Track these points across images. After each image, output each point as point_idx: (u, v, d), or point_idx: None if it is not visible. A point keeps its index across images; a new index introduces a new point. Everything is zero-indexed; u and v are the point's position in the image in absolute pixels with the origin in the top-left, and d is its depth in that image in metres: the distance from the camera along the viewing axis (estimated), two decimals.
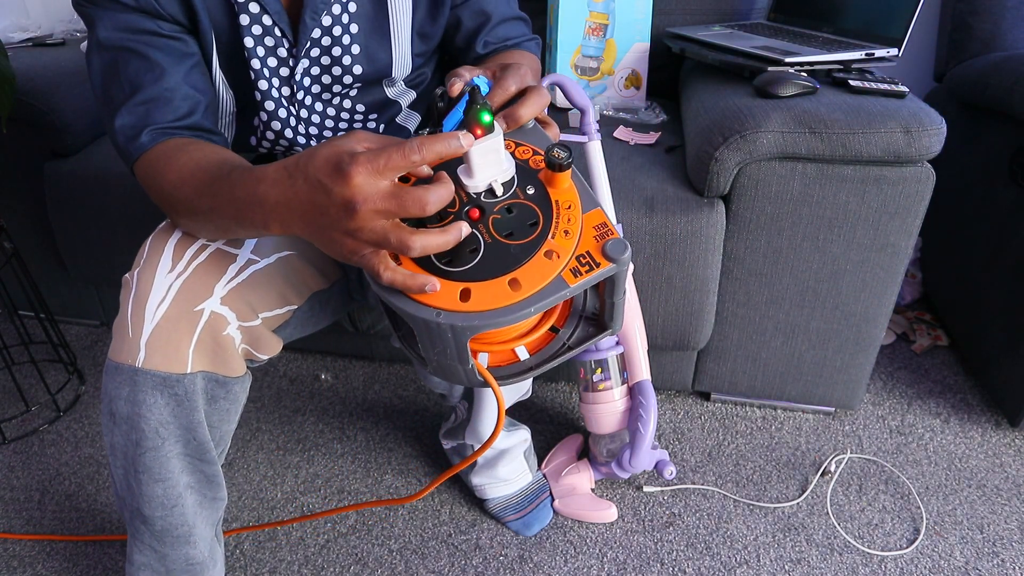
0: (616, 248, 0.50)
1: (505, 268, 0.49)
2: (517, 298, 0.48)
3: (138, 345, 0.67)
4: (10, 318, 1.31)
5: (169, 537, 0.77)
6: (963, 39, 1.38)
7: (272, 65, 0.76)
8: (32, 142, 1.30)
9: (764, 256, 1.08)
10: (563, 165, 0.51)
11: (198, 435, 0.72)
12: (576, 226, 0.51)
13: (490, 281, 0.49)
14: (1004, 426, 1.23)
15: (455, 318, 0.48)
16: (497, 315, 0.48)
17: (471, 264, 0.50)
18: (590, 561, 1.01)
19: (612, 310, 0.57)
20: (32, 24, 1.73)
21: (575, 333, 0.59)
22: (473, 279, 0.49)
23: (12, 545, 1.05)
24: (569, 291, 0.49)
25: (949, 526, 1.05)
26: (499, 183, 0.53)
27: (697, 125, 1.10)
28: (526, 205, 0.52)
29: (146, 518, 0.75)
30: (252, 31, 0.73)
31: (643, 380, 1.00)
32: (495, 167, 0.53)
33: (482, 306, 0.48)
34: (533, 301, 0.48)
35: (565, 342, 0.59)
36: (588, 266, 0.49)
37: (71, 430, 1.27)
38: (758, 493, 1.11)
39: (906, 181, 0.99)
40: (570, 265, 0.49)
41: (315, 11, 0.74)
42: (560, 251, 0.50)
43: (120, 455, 0.72)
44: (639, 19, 1.38)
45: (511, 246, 0.50)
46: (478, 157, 0.52)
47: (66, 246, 1.34)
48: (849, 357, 1.15)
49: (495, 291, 0.48)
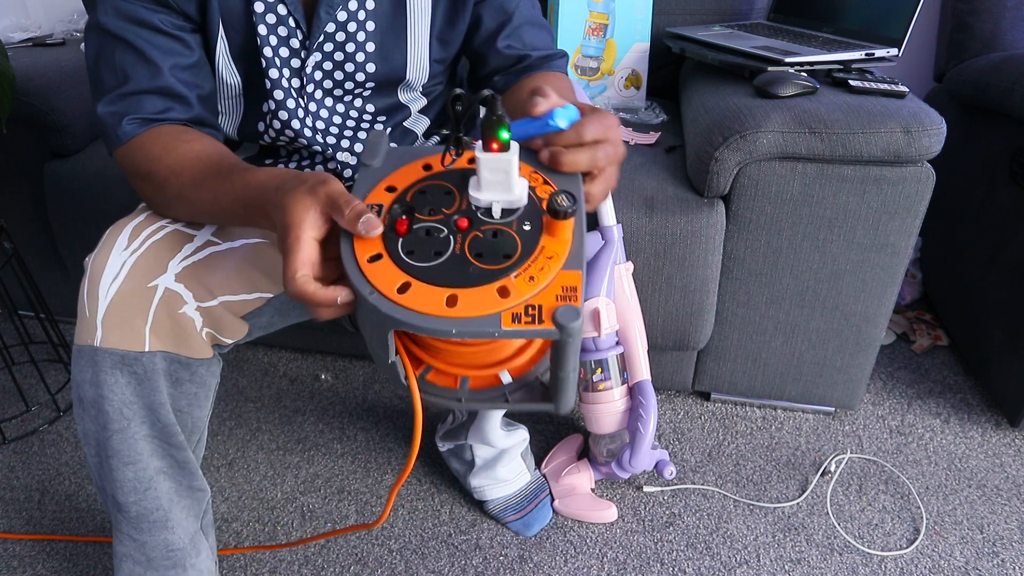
0: (567, 314, 0.46)
1: (453, 282, 0.48)
2: (445, 313, 0.46)
3: (95, 323, 0.67)
4: (10, 318, 1.31)
5: (145, 523, 0.76)
6: (963, 39, 1.38)
7: (284, 55, 0.76)
8: (32, 142, 1.30)
9: (764, 256, 1.08)
10: (563, 213, 0.49)
11: (161, 416, 0.72)
12: (545, 277, 0.48)
13: (432, 287, 0.48)
14: (1004, 426, 1.23)
15: (382, 303, 0.47)
16: (418, 319, 0.46)
17: (427, 264, 0.49)
18: (590, 561, 1.01)
19: (558, 386, 0.53)
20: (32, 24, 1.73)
21: (519, 391, 0.57)
22: (420, 278, 0.48)
23: (12, 545, 1.05)
24: (497, 332, 0.46)
25: (949, 526, 1.05)
26: (499, 207, 0.52)
27: (697, 125, 1.10)
28: (512, 238, 0.51)
29: (121, 505, 0.75)
30: (266, 19, 0.73)
31: (643, 380, 1.00)
32: (502, 190, 0.51)
33: (412, 305, 0.47)
34: (457, 324, 0.46)
35: (505, 393, 0.56)
36: (532, 319, 0.47)
37: (71, 430, 1.27)
38: (758, 493, 1.11)
39: (906, 181, 0.99)
40: (514, 309, 0.47)
41: (331, 5, 0.73)
42: (514, 293, 0.47)
43: (92, 441, 0.72)
44: (639, 19, 1.38)
45: (472, 266, 0.49)
46: (487, 172, 0.50)
47: (66, 246, 1.34)
48: (849, 357, 1.15)
49: (431, 298, 0.47)
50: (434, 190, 0.54)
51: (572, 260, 0.50)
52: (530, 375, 0.57)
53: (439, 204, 0.53)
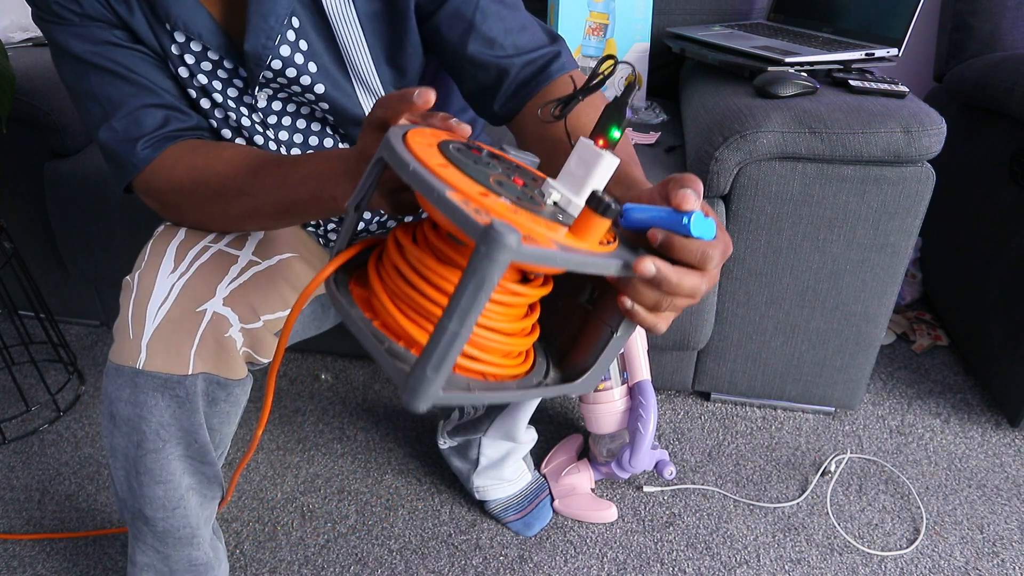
0: (501, 228, 0.34)
1: (470, 188, 0.40)
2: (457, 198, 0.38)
3: (139, 347, 0.67)
4: (10, 318, 1.31)
5: (171, 539, 0.77)
6: (963, 39, 1.38)
7: (233, 95, 0.73)
8: (32, 142, 1.30)
9: (764, 256, 1.08)
10: (604, 206, 0.41)
11: (199, 437, 0.72)
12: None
13: (467, 178, 0.41)
14: (1004, 426, 1.23)
15: (402, 147, 0.41)
16: (417, 174, 0.39)
17: (467, 172, 0.42)
18: (590, 561, 1.01)
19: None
20: (32, 24, 1.73)
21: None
22: (454, 163, 0.42)
23: (12, 545, 1.05)
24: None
25: (949, 526, 1.05)
26: (555, 195, 0.45)
27: (697, 125, 1.10)
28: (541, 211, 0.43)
29: (148, 519, 0.75)
30: (202, 67, 0.70)
31: (643, 380, 1.00)
32: (572, 185, 0.45)
33: (431, 164, 0.40)
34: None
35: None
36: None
37: (71, 430, 1.27)
38: (758, 493, 1.11)
39: (906, 181, 0.99)
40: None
41: (259, 59, 0.68)
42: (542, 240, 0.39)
43: (121, 457, 0.72)
44: (639, 19, 1.38)
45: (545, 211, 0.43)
46: (575, 159, 0.45)
47: (66, 246, 1.34)
48: (849, 357, 1.15)
49: (465, 180, 0.41)
50: (506, 163, 0.49)
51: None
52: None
53: (509, 170, 0.47)
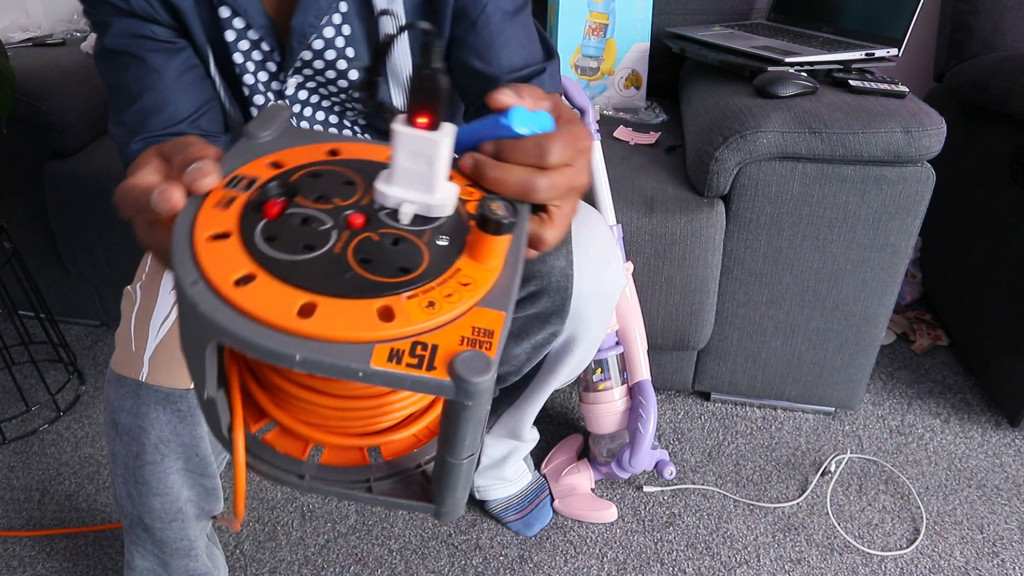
0: (471, 365, 0.31)
1: (317, 286, 0.33)
2: (293, 326, 0.31)
3: (142, 360, 0.67)
4: (10, 318, 1.31)
5: (169, 548, 0.77)
6: (963, 39, 1.38)
7: (264, 79, 0.73)
8: (32, 142, 1.30)
9: (764, 256, 1.08)
10: (497, 225, 0.34)
11: (200, 450, 0.73)
12: (452, 308, 0.33)
13: (285, 286, 0.32)
14: (1004, 426, 1.23)
15: (206, 298, 0.31)
16: (249, 329, 0.31)
17: (287, 256, 0.34)
18: (590, 561, 1.01)
19: (443, 476, 0.37)
20: (32, 24, 1.73)
21: (391, 479, 0.41)
22: (272, 271, 0.33)
23: (12, 544, 1.05)
24: (364, 372, 0.30)
25: (949, 526, 1.05)
26: (411, 209, 0.37)
27: (697, 125, 1.10)
28: (418, 248, 0.36)
29: (148, 527, 0.75)
30: (239, 46, 0.71)
31: (643, 380, 1.00)
32: (419, 186, 0.37)
33: (250, 307, 0.31)
34: (309, 349, 0.30)
35: (370, 479, 0.41)
36: (418, 361, 0.31)
37: (71, 430, 1.27)
38: (758, 493, 1.11)
39: (906, 181, 0.99)
40: (397, 344, 0.31)
41: (303, 36, 0.68)
42: (401, 318, 0.32)
43: (121, 465, 0.72)
44: (639, 19, 1.38)
45: (352, 272, 0.34)
46: (404, 156, 0.37)
47: (66, 246, 1.34)
48: (849, 357, 1.15)
49: (279, 301, 0.32)
50: (331, 177, 0.40)
51: (498, 296, 0.35)
52: (409, 459, 0.42)
53: (333, 193, 0.38)
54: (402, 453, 0.42)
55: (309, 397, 0.38)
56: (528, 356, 0.83)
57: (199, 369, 0.35)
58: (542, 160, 0.40)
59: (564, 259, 0.74)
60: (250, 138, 0.41)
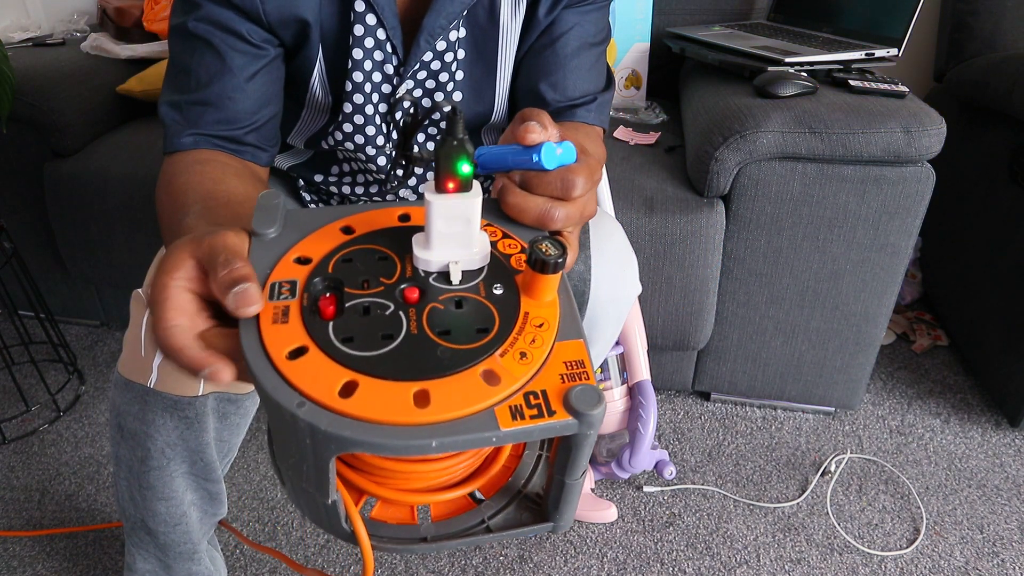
0: (586, 398, 0.33)
1: (419, 372, 0.34)
2: (416, 419, 0.32)
3: (150, 367, 0.67)
4: (10, 318, 1.31)
5: (172, 552, 0.77)
6: (963, 39, 1.38)
7: (376, 80, 0.72)
8: (32, 142, 1.30)
9: (764, 256, 1.08)
10: (551, 265, 0.37)
11: (205, 456, 0.72)
12: (541, 352, 0.36)
13: (391, 383, 0.33)
14: (1004, 426, 1.23)
15: (321, 416, 0.32)
16: (381, 433, 0.32)
17: (376, 352, 0.35)
18: (590, 561, 1.01)
19: (562, 495, 0.40)
20: (32, 24, 1.73)
21: (502, 512, 0.43)
22: (370, 372, 0.34)
23: (12, 544, 1.05)
24: (497, 436, 0.33)
25: (949, 526, 1.05)
26: (458, 268, 0.39)
27: (697, 125, 1.10)
28: (483, 305, 0.38)
29: (151, 530, 0.75)
30: (364, 43, 0.70)
31: (643, 380, 1.00)
32: (460, 244, 0.39)
33: (367, 413, 0.32)
34: (440, 432, 0.32)
35: (485, 520, 0.42)
36: (537, 411, 0.33)
37: (71, 430, 1.27)
38: (758, 493, 1.11)
39: (906, 181, 0.99)
40: (512, 400, 0.34)
41: (431, 34, 0.68)
42: (505, 377, 0.34)
43: (125, 468, 0.72)
44: (639, 19, 1.38)
45: (440, 347, 0.35)
46: (440, 222, 0.38)
47: (66, 246, 1.34)
48: (849, 357, 1.15)
49: (393, 398, 0.33)
50: (364, 256, 0.40)
51: (568, 327, 0.38)
52: (510, 487, 0.44)
53: (375, 273, 0.39)
54: (501, 485, 0.44)
55: (407, 467, 0.39)
56: None
57: (320, 480, 0.36)
58: (566, 194, 0.43)
59: (582, 263, 0.74)
60: (259, 237, 0.41)
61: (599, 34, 0.75)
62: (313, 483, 0.36)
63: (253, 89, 0.67)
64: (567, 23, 0.72)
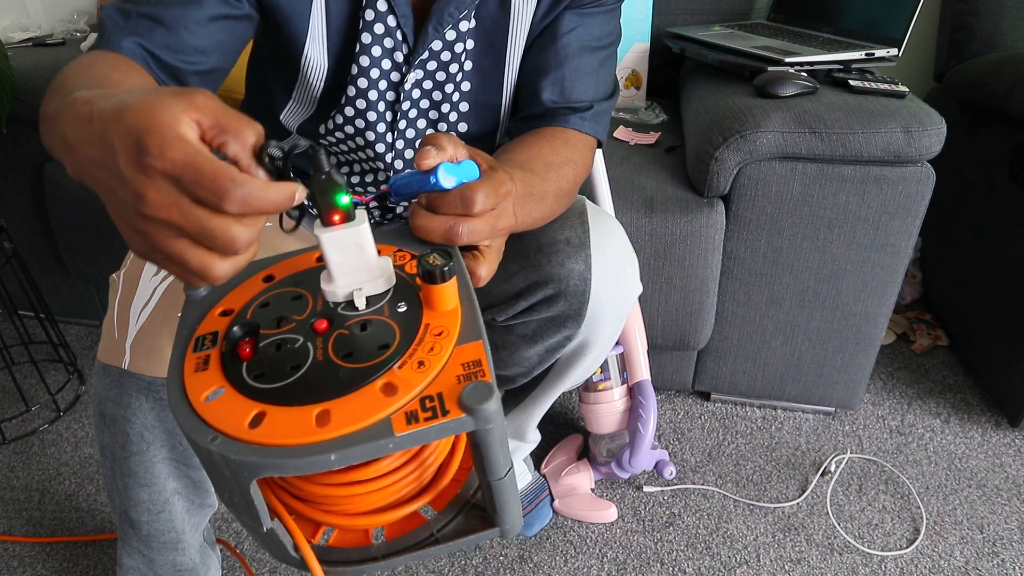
0: (476, 394, 0.35)
1: (322, 395, 0.36)
2: (319, 437, 0.34)
3: (124, 347, 0.67)
4: (10, 318, 1.31)
5: (156, 543, 0.76)
6: (963, 39, 1.38)
7: (385, 67, 0.72)
8: (32, 142, 1.30)
9: (764, 256, 1.08)
10: (440, 274, 0.39)
11: (184, 440, 0.72)
12: (439, 359, 0.38)
13: (296, 408, 0.36)
14: (1004, 426, 1.23)
15: (232, 448, 0.34)
16: (285, 454, 0.34)
17: (281, 382, 0.37)
18: (590, 561, 1.01)
19: (495, 497, 0.41)
20: (32, 24, 1.73)
21: (452, 523, 0.45)
22: (276, 401, 0.36)
23: (12, 545, 1.05)
24: (393, 442, 0.34)
25: (949, 526, 1.05)
26: (362, 295, 0.41)
27: (697, 125, 1.10)
28: (386, 324, 0.40)
29: (133, 522, 0.75)
30: (374, 28, 0.69)
31: (643, 380, 1.00)
32: (359, 270, 0.41)
33: (273, 438, 0.35)
34: (338, 446, 0.34)
35: (434, 532, 0.45)
36: (432, 413, 0.35)
37: (71, 430, 1.27)
38: (758, 493, 1.11)
39: (906, 181, 0.99)
40: (409, 407, 0.36)
41: (440, 22, 0.69)
42: (403, 386, 0.36)
43: (109, 456, 0.72)
44: (639, 19, 1.38)
45: (341, 368, 0.38)
46: (335, 253, 0.40)
47: (66, 246, 1.34)
48: (849, 357, 1.15)
49: (295, 422, 0.35)
50: (278, 299, 0.43)
51: (467, 330, 0.40)
52: (459, 499, 0.46)
53: (288, 312, 0.42)
54: (451, 497, 0.46)
55: (356, 491, 0.40)
56: (540, 359, 0.82)
57: (250, 509, 0.38)
58: (467, 210, 0.45)
59: (583, 263, 0.72)
60: (190, 297, 0.44)
61: (605, 38, 0.75)
62: (246, 513, 0.38)
63: (212, 32, 0.65)
64: (568, 24, 0.72)
